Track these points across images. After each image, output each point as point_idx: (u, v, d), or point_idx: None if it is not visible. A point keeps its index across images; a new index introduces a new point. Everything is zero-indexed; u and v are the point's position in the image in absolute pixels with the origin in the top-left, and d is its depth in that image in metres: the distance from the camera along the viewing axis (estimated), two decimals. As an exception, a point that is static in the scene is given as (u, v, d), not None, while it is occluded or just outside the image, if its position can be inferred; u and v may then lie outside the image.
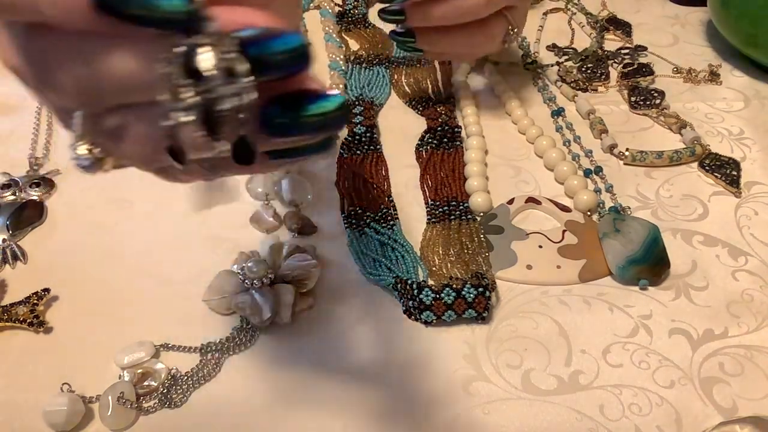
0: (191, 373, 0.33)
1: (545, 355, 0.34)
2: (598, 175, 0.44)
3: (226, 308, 0.36)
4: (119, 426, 0.31)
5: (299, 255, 0.37)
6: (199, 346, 0.34)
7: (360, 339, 0.35)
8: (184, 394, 0.32)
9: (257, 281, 0.36)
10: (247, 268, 0.36)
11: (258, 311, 0.35)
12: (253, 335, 0.35)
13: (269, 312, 0.35)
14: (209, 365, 0.34)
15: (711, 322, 0.35)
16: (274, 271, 0.37)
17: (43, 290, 0.37)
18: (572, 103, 0.52)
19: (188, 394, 0.33)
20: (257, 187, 0.44)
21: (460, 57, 0.52)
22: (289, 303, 0.35)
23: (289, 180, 0.43)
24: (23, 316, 0.35)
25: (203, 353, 0.34)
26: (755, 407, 0.32)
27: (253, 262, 0.36)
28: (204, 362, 0.34)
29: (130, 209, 0.43)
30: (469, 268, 0.38)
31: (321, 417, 0.31)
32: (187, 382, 0.33)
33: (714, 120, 0.49)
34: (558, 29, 0.62)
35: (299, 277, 0.37)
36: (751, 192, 0.43)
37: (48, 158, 0.47)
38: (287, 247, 0.38)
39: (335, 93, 0.19)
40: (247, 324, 0.35)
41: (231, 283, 0.36)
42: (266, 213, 0.42)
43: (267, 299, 0.35)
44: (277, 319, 0.35)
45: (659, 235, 0.39)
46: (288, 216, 0.42)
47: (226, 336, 0.35)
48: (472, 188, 0.43)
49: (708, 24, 0.61)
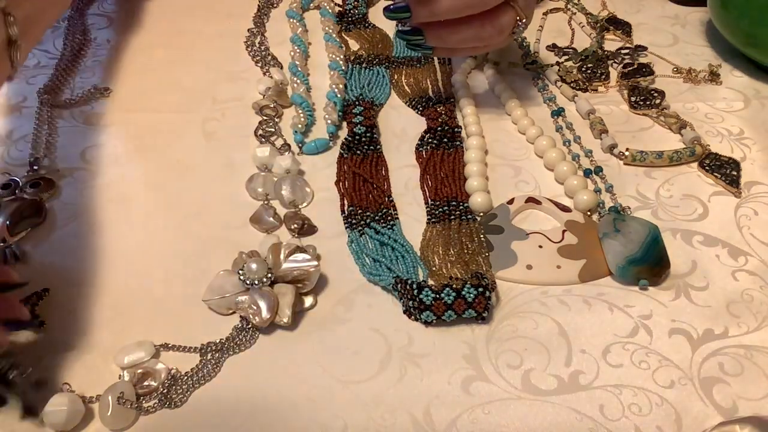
0: (191, 373, 0.33)
1: (545, 355, 0.34)
2: (598, 175, 0.44)
3: (226, 308, 0.36)
4: (119, 426, 0.31)
5: (299, 255, 0.37)
6: (199, 347, 0.34)
7: (360, 339, 0.35)
8: (184, 394, 0.32)
9: (257, 281, 0.36)
10: (247, 268, 0.36)
11: (258, 311, 0.35)
12: (253, 335, 0.35)
13: (269, 312, 0.35)
14: (209, 365, 0.34)
15: (711, 322, 0.35)
16: (274, 272, 0.37)
17: (43, 290, 0.37)
18: (572, 103, 0.52)
19: (188, 395, 0.33)
20: (257, 187, 0.44)
21: (469, 52, 0.51)
22: (290, 303, 0.35)
23: (289, 181, 0.43)
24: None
25: (203, 353, 0.34)
26: (755, 407, 0.31)
27: (253, 262, 0.36)
28: (204, 362, 0.34)
29: (130, 209, 0.43)
30: (469, 268, 0.38)
31: (321, 417, 0.31)
32: (187, 382, 0.33)
33: (714, 120, 0.49)
34: (558, 29, 0.61)
35: (299, 278, 0.37)
36: (751, 192, 0.43)
37: (48, 158, 0.47)
38: (287, 247, 0.38)
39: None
40: (247, 324, 0.35)
41: (231, 283, 0.36)
42: (266, 213, 0.42)
43: (267, 299, 0.35)
44: (276, 320, 0.35)
45: (659, 235, 0.39)
46: (288, 216, 0.42)
47: (226, 336, 0.35)
48: (472, 188, 0.43)
49: (708, 24, 0.61)
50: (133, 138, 0.49)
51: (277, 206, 0.43)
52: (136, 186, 0.45)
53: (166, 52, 0.59)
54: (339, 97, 0.51)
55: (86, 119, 0.51)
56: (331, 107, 0.50)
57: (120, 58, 0.58)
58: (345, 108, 0.50)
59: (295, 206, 0.43)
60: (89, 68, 0.57)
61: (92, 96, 0.53)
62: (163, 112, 0.51)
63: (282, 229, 0.41)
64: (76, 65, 0.58)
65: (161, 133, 0.49)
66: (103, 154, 0.47)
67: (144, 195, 0.44)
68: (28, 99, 0.53)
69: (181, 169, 0.46)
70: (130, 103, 0.53)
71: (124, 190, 0.44)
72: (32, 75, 0.56)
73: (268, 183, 0.44)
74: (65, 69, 0.57)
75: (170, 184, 0.45)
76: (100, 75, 0.56)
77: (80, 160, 0.47)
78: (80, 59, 0.58)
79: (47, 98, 0.52)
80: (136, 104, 0.52)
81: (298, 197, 0.43)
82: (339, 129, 0.49)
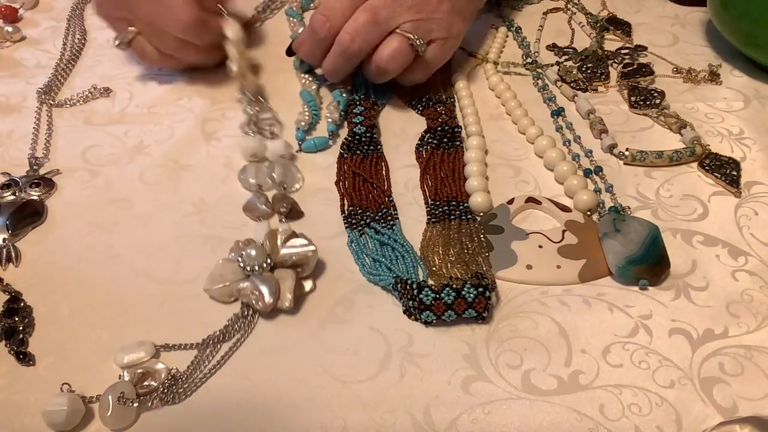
0: (192, 367, 0.33)
1: (545, 355, 0.34)
2: (598, 175, 0.44)
3: (228, 296, 0.36)
4: (119, 426, 0.31)
5: (296, 240, 0.37)
6: (199, 342, 0.34)
7: (360, 339, 0.35)
8: (185, 392, 0.32)
9: (257, 267, 0.36)
10: (247, 255, 0.36)
11: (261, 296, 0.35)
12: (252, 320, 0.35)
13: (272, 296, 0.35)
14: (209, 359, 0.34)
15: (711, 322, 0.35)
16: (273, 257, 0.37)
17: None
18: (572, 103, 0.52)
19: (189, 393, 0.32)
20: (249, 177, 0.44)
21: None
22: (291, 287, 0.36)
23: (281, 163, 0.44)
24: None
25: (202, 348, 0.34)
26: (755, 407, 0.32)
27: (251, 248, 0.36)
28: (204, 356, 0.34)
29: (130, 209, 0.43)
30: (469, 268, 0.38)
31: (321, 417, 0.31)
32: (188, 380, 0.33)
33: (714, 120, 0.49)
34: (558, 29, 0.62)
35: (298, 262, 0.37)
36: (751, 192, 0.43)
37: (48, 158, 0.47)
38: (283, 233, 0.38)
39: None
40: (247, 311, 0.35)
41: (231, 270, 0.37)
42: (258, 201, 0.43)
43: (269, 284, 0.35)
44: (279, 304, 0.35)
45: (659, 235, 0.39)
46: (276, 198, 0.42)
47: (224, 325, 0.35)
48: (472, 188, 0.43)
49: (708, 24, 0.61)
50: (133, 138, 0.49)
51: (271, 196, 0.44)
52: (136, 186, 0.45)
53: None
54: (344, 97, 0.51)
55: (86, 119, 0.51)
56: (334, 106, 0.50)
57: (120, 58, 0.58)
58: (347, 107, 0.50)
59: (284, 188, 0.43)
60: (89, 68, 0.57)
61: (92, 96, 0.53)
62: (163, 112, 0.51)
63: (274, 218, 0.42)
64: (75, 65, 0.58)
65: (161, 133, 0.49)
66: (103, 154, 0.47)
67: (144, 195, 0.44)
68: (28, 99, 0.53)
69: (181, 169, 0.46)
70: (130, 103, 0.53)
71: (124, 190, 0.44)
72: (32, 75, 0.56)
73: (260, 173, 0.44)
74: (65, 69, 0.57)
75: (170, 184, 0.45)
76: (100, 75, 0.56)
77: (80, 160, 0.47)
78: (80, 59, 0.58)
79: (47, 98, 0.52)
80: (135, 104, 0.52)
81: (288, 180, 0.44)
82: (340, 128, 0.49)
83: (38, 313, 0.36)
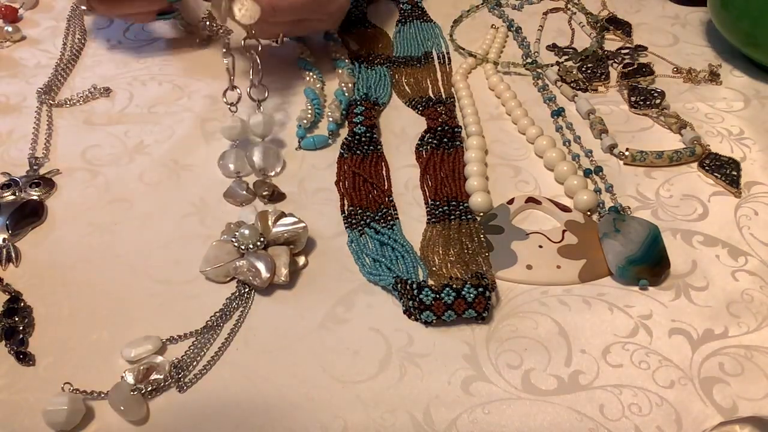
0: (194, 350, 0.34)
1: (545, 355, 0.34)
2: (598, 175, 0.44)
3: (224, 275, 0.37)
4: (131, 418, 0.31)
5: (287, 219, 0.39)
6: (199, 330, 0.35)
7: (360, 339, 0.35)
8: (196, 377, 0.33)
9: (252, 246, 0.37)
10: (241, 234, 0.37)
11: (258, 273, 0.36)
12: (249, 296, 0.36)
13: (268, 272, 0.36)
14: (210, 340, 0.34)
15: (711, 322, 0.35)
16: (266, 236, 0.38)
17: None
18: (572, 103, 0.52)
19: (195, 381, 0.33)
20: (228, 164, 0.45)
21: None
22: (285, 263, 0.37)
23: (261, 148, 0.45)
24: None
25: (205, 331, 0.35)
26: (755, 407, 0.32)
27: (244, 228, 0.37)
28: (206, 338, 0.34)
29: (130, 209, 0.43)
30: (469, 268, 0.38)
31: (321, 417, 0.31)
32: (192, 363, 0.33)
33: (714, 120, 0.49)
34: (558, 29, 0.62)
35: (290, 239, 0.38)
36: (751, 192, 0.43)
37: (48, 158, 0.47)
38: (273, 213, 0.39)
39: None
40: (244, 289, 0.36)
41: (225, 251, 0.38)
42: (239, 187, 0.43)
43: (264, 260, 0.36)
44: (275, 279, 0.36)
45: (659, 235, 0.39)
46: (257, 184, 0.43)
47: (223, 304, 0.36)
48: (472, 188, 0.43)
49: (708, 24, 0.61)
50: (133, 138, 0.49)
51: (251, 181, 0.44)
52: (135, 186, 0.45)
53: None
54: (346, 96, 0.51)
55: (86, 119, 0.51)
56: (336, 105, 0.50)
57: (120, 58, 0.58)
58: (348, 107, 0.50)
59: (264, 174, 0.44)
60: (89, 68, 0.57)
61: (92, 96, 0.53)
62: (163, 111, 0.51)
63: (256, 202, 0.43)
64: (75, 65, 0.58)
65: (161, 133, 0.49)
66: (103, 154, 0.47)
67: (144, 195, 0.44)
68: (28, 99, 0.53)
69: (181, 169, 0.46)
70: (130, 103, 0.53)
71: (124, 190, 0.44)
72: (32, 75, 0.56)
73: (239, 158, 0.45)
74: (65, 69, 0.57)
75: (170, 183, 0.45)
76: (100, 75, 0.56)
77: (80, 160, 0.47)
78: (80, 59, 0.58)
79: (47, 98, 0.53)
80: (135, 104, 0.52)
81: (268, 165, 0.44)
82: (340, 127, 0.49)
83: (38, 313, 0.36)
